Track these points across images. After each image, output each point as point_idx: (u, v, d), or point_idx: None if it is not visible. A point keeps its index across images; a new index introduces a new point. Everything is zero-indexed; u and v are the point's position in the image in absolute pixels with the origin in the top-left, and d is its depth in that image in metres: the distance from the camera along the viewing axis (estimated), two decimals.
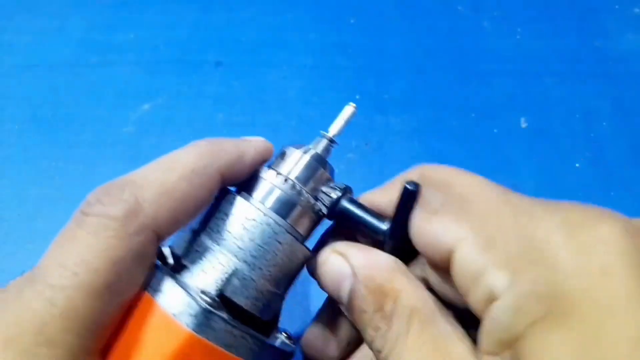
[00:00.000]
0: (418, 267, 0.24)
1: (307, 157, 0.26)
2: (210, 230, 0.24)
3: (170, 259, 0.25)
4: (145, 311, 0.21)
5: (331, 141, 0.27)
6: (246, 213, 0.24)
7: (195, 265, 0.23)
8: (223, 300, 0.23)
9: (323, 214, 0.26)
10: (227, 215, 0.24)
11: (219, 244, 0.24)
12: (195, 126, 0.49)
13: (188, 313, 0.21)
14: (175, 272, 0.24)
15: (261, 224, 0.24)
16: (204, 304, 0.22)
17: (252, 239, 0.24)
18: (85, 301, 0.19)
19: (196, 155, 0.23)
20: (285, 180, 0.25)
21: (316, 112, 0.50)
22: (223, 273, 0.23)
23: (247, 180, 0.26)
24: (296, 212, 0.25)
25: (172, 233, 0.23)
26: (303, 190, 0.25)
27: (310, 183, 0.25)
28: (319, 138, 0.27)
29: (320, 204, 0.25)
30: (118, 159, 0.46)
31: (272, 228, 0.24)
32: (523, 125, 0.50)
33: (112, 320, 0.21)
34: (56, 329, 0.19)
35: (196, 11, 0.58)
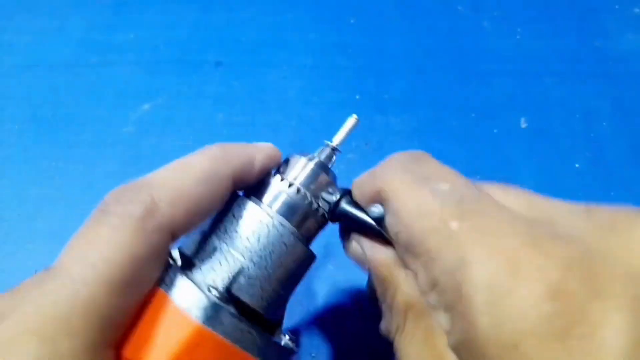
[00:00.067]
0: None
1: (312, 165, 0.27)
2: (219, 231, 0.25)
3: (179, 260, 0.26)
4: (158, 305, 0.22)
5: (334, 149, 0.28)
6: (254, 215, 0.25)
7: (204, 263, 0.24)
8: (230, 297, 0.24)
9: (325, 217, 0.27)
10: (236, 217, 0.25)
11: (227, 244, 0.25)
12: (195, 126, 0.49)
13: (197, 306, 0.22)
14: (185, 270, 0.25)
15: (268, 226, 0.25)
16: (213, 298, 0.22)
17: (259, 240, 0.25)
18: (105, 295, 0.20)
19: (209, 160, 0.24)
20: (291, 185, 0.26)
21: (316, 112, 0.50)
22: (230, 271, 0.24)
23: (256, 185, 0.27)
24: (301, 216, 0.26)
25: (185, 233, 0.23)
26: (307, 195, 0.26)
27: (314, 188, 0.27)
28: (323, 147, 0.28)
29: (322, 208, 0.27)
30: (118, 159, 0.46)
31: (278, 230, 0.25)
32: (523, 125, 0.50)
33: (129, 314, 0.22)
34: (77, 321, 0.19)
35: (196, 11, 0.58)
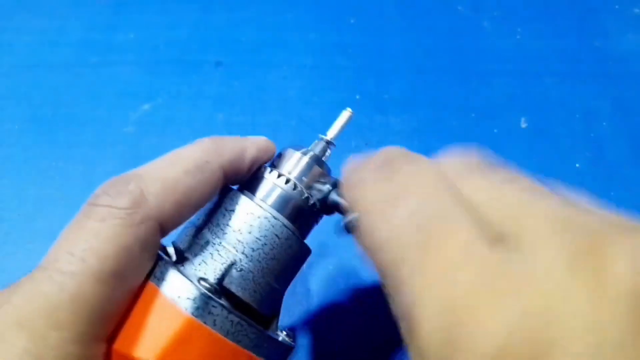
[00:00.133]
0: None
1: (306, 158, 0.27)
2: (211, 224, 0.25)
3: (173, 256, 0.26)
4: (147, 298, 0.22)
5: (329, 143, 0.28)
6: (246, 208, 0.25)
7: (196, 256, 0.24)
8: (222, 290, 0.24)
9: (317, 209, 0.27)
10: (228, 210, 0.25)
11: (219, 237, 0.24)
12: (195, 126, 0.49)
13: (187, 297, 0.22)
14: (177, 264, 0.24)
15: (259, 218, 0.25)
16: (203, 289, 0.22)
17: (251, 232, 0.24)
18: (93, 287, 0.20)
19: (199, 151, 0.24)
20: (284, 179, 0.26)
21: (316, 112, 0.50)
22: (222, 264, 0.24)
23: (249, 179, 0.27)
24: (295, 209, 0.26)
25: (175, 226, 0.23)
26: (301, 188, 0.26)
27: (308, 182, 0.26)
28: (317, 141, 0.28)
29: (314, 200, 0.26)
30: (118, 159, 0.46)
31: (270, 222, 0.25)
32: (523, 125, 0.50)
33: (119, 307, 0.21)
34: (65, 313, 0.19)
35: (196, 11, 0.58)
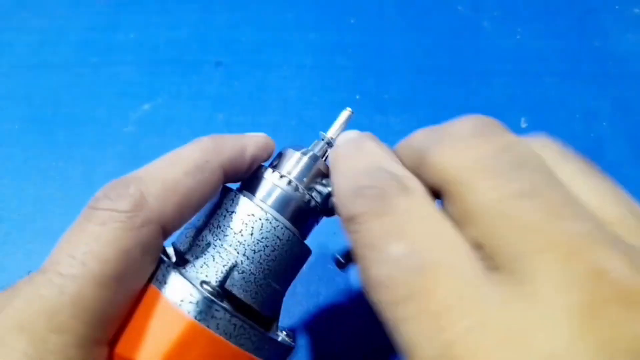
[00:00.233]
0: None
1: (306, 158, 0.27)
2: (212, 226, 0.25)
3: (173, 257, 0.26)
4: (150, 301, 0.22)
5: (329, 143, 0.28)
6: (247, 209, 0.25)
7: (197, 259, 0.24)
8: (224, 292, 0.24)
9: (318, 210, 0.26)
10: (229, 211, 0.25)
11: (220, 239, 0.24)
12: (195, 126, 0.49)
13: (189, 301, 0.22)
14: (178, 266, 0.24)
15: (260, 220, 0.24)
16: (205, 293, 0.22)
17: (252, 234, 0.24)
18: (94, 290, 0.20)
19: (199, 151, 0.24)
20: (284, 179, 0.26)
21: (316, 112, 0.50)
22: (223, 266, 0.24)
23: (249, 179, 0.27)
24: (295, 210, 0.26)
25: (177, 228, 0.23)
26: (301, 189, 0.26)
27: (308, 182, 0.26)
28: (317, 140, 0.28)
29: (316, 201, 0.26)
30: (118, 159, 0.46)
31: (271, 223, 0.24)
32: (523, 125, 0.50)
33: (120, 311, 0.21)
34: (66, 317, 0.19)
35: (196, 11, 0.58)
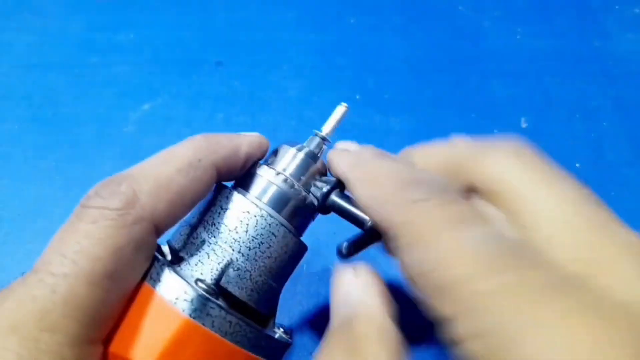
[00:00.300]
0: None
1: (301, 155, 0.26)
2: (206, 223, 0.25)
3: (168, 255, 0.26)
4: (144, 300, 0.22)
5: (324, 139, 0.28)
6: (242, 206, 0.24)
7: (192, 256, 0.24)
8: (219, 290, 0.23)
9: (314, 208, 0.26)
10: (223, 209, 0.25)
11: (215, 236, 0.24)
12: (195, 126, 0.49)
13: (184, 299, 0.22)
14: (172, 264, 0.24)
15: (255, 217, 0.24)
16: (200, 291, 0.22)
17: (247, 231, 0.24)
18: (86, 289, 0.20)
19: (192, 149, 0.24)
20: (279, 176, 0.26)
21: (316, 112, 0.50)
22: (219, 263, 0.24)
23: (243, 176, 0.26)
24: (290, 207, 0.25)
25: (170, 225, 0.23)
26: (297, 185, 0.26)
27: (303, 179, 0.26)
28: (312, 136, 0.28)
29: (312, 198, 0.26)
30: (118, 159, 0.46)
31: (266, 220, 0.24)
32: (523, 125, 0.50)
33: (114, 310, 0.21)
34: (57, 316, 0.19)
35: (196, 11, 0.58)
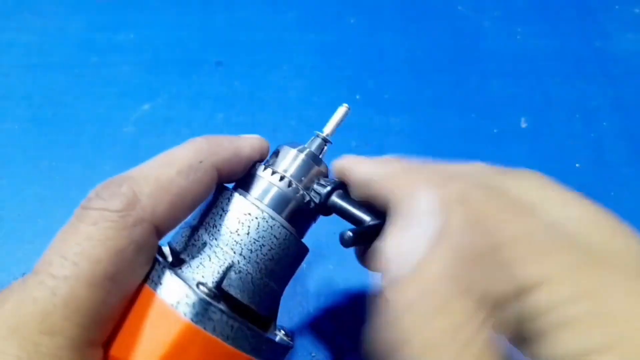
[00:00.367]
0: None
1: (302, 156, 0.26)
2: (207, 225, 0.25)
3: (169, 257, 0.25)
4: (144, 303, 0.22)
5: (325, 140, 0.28)
6: (243, 208, 0.24)
7: (193, 259, 0.24)
8: (221, 293, 0.23)
9: (316, 209, 0.26)
10: (225, 211, 0.24)
11: (217, 239, 0.24)
12: (195, 126, 0.49)
13: (186, 303, 0.21)
14: (173, 266, 0.24)
15: (257, 219, 0.24)
16: (202, 295, 0.22)
17: (248, 233, 0.24)
18: (86, 291, 0.19)
19: (193, 151, 0.24)
20: (281, 177, 0.25)
21: (316, 112, 0.50)
22: (220, 266, 0.23)
23: (244, 178, 0.26)
24: (292, 209, 0.25)
25: (171, 228, 0.23)
26: (298, 187, 0.26)
27: (305, 180, 0.26)
28: (314, 137, 0.28)
29: (313, 200, 0.26)
30: (118, 159, 0.46)
31: (268, 222, 0.24)
32: (523, 125, 0.50)
33: (114, 312, 0.21)
34: (58, 318, 0.19)
35: (196, 11, 0.58)
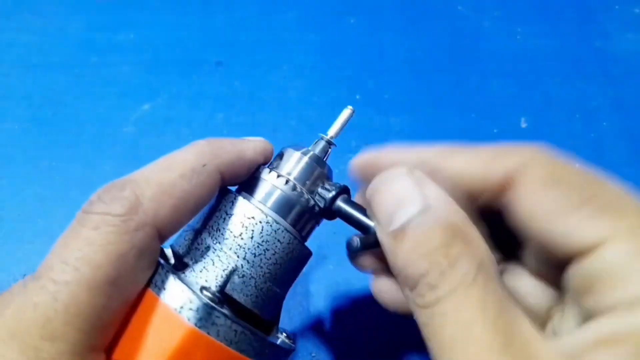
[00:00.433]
0: None
1: (306, 159, 0.26)
2: (211, 229, 0.24)
3: (172, 259, 0.25)
4: (148, 307, 0.22)
5: (329, 143, 0.27)
6: (246, 212, 0.24)
7: (196, 263, 0.24)
8: (224, 297, 0.23)
9: (320, 214, 0.26)
10: (228, 214, 0.24)
11: (220, 242, 0.24)
12: (195, 126, 0.49)
13: (189, 308, 0.21)
14: (177, 270, 0.24)
15: (261, 223, 0.24)
16: (205, 299, 0.22)
17: (252, 237, 0.24)
18: (87, 296, 0.19)
19: (196, 154, 0.23)
20: (285, 180, 0.25)
21: (316, 112, 0.50)
22: (223, 270, 0.23)
23: (248, 181, 0.26)
24: (295, 212, 0.25)
25: (174, 231, 0.23)
26: (302, 190, 0.25)
27: (309, 184, 0.26)
28: (318, 140, 0.27)
29: (317, 204, 0.26)
30: (118, 159, 0.46)
31: (272, 227, 0.24)
32: (523, 125, 0.50)
33: (116, 316, 0.21)
34: (59, 324, 0.19)
35: (196, 11, 0.58)
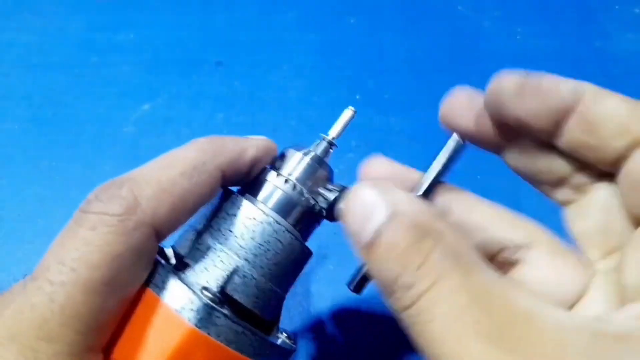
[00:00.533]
0: None
1: (308, 159, 0.26)
2: (212, 229, 0.25)
3: (172, 259, 0.25)
4: (147, 307, 0.22)
5: (330, 144, 0.27)
6: (248, 212, 0.24)
7: (197, 263, 0.24)
8: (225, 297, 0.23)
9: (322, 215, 0.26)
10: (229, 214, 0.24)
11: (221, 243, 0.24)
12: (195, 126, 0.49)
13: (190, 308, 0.21)
14: (177, 270, 0.24)
15: (262, 223, 0.24)
16: (206, 300, 0.22)
17: (253, 238, 0.24)
18: (84, 297, 0.19)
19: (196, 152, 0.23)
20: (286, 181, 0.25)
21: (316, 112, 0.50)
22: (224, 270, 0.23)
23: (250, 181, 0.26)
24: (297, 213, 0.25)
25: (173, 230, 0.23)
26: (303, 191, 0.25)
27: (310, 184, 0.26)
28: (319, 141, 0.27)
29: (319, 204, 0.26)
30: (118, 159, 0.46)
31: (273, 227, 0.24)
32: None
33: (113, 317, 0.21)
34: (55, 325, 0.19)
35: (196, 11, 0.58)
